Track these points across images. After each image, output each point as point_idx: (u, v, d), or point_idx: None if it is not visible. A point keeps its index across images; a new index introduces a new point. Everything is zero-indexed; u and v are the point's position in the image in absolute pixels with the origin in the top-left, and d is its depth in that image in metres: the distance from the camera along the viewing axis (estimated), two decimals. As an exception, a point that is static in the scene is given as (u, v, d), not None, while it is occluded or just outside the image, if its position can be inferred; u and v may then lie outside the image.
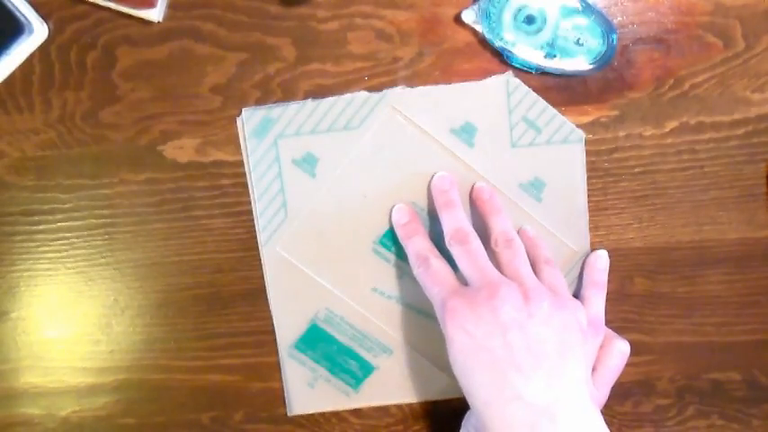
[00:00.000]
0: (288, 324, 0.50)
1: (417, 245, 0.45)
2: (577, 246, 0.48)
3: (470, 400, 0.40)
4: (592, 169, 0.47)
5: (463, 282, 0.43)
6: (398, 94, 0.46)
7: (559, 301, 0.41)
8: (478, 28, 0.44)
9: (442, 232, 0.45)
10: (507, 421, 0.39)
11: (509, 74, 0.46)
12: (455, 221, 0.44)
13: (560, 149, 0.47)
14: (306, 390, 0.51)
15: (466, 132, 0.46)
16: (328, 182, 0.47)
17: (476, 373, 0.40)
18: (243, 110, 0.46)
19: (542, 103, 0.46)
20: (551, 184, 0.47)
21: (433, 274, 0.43)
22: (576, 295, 0.48)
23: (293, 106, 0.46)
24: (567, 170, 0.47)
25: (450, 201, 0.45)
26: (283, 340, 0.50)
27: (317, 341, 0.50)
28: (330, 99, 0.46)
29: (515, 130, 0.46)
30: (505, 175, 0.47)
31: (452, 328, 0.40)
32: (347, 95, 0.46)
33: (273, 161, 0.47)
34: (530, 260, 0.44)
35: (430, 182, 0.47)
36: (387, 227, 0.48)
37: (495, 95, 0.46)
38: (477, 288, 0.41)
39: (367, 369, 0.50)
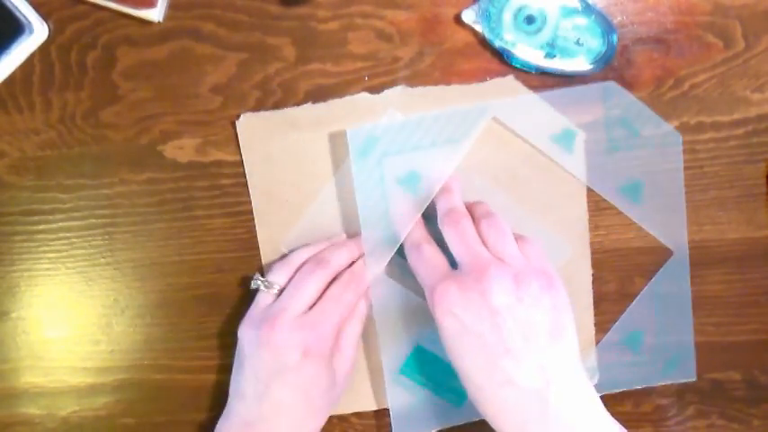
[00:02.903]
0: (393, 348, 0.48)
1: (413, 233, 0.45)
2: (674, 245, 0.48)
3: (464, 383, 0.40)
4: (592, 169, 0.48)
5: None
6: (501, 104, 0.45)
7: (548, 281, 0.40)
8: (478, 28, 0.44)
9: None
10: (500, 405, 0.39)
11: (510, 77, 0.46)
12: (449, 203, 0.44)
13: (658, 151, 0.47)
14: (409, 412, 0.49)
15: (565, 138, 0.46)
16: (429, 199, 0.46)
17: (467, 358, 0.40)
18: (348, 131, 0.45)
19: (640, 105, 0.46)
20: (649, 185, 0.47)
21: (425, 260, 0.43)
22: None
23: (397, 124, 0.45)
24: (665, 171, 0.47)
25: (448, 187, 0.45)
26: (388, 365, 0.49)
27: (422, 363, 0.49)
28: (434, 114, 0.45)
29: (613, 134, 0.46)
30: (604, 179, 0.47)
31: (441, 312, 0.40)
32: (449, 109, 0.45)
33: (378, 181, 0.46)
34: None
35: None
36: None
37: (593, 100, 0.46)
38: (466, 272, 0.40)
39: None
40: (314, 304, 0.45)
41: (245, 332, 0.45)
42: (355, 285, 0.46)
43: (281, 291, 0.45)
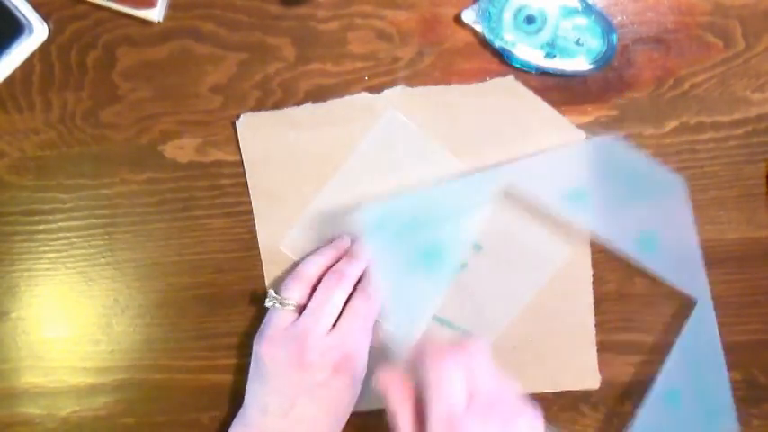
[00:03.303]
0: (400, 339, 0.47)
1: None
2: (694, 291, 0.48)
3: None
4: (592, 169, 0.48)
5: None
6: (511, 170, 0.46)
7: None
8: (478, 28, 0.44)
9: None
10: None
11: (510, 77, 0.46)
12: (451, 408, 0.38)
13: (665, 198, 0.47)
14: None
15: (577, 197, 0.46)
16: (452, 272, 0.47)
17: None
18: (361, 212, 0.44)
19: (642, 156, 0.46)
20: (663, 232, 0.47)
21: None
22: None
23: (409, 199, 0.45)
24: (675, 216, 0.47)
25: (450, 377, 0.39)
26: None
27: None
28: (444, 186, 0.46)
29: (622, 187, 0.46)
30: (619, 232, 0.47)
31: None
32: (460, 181, 0.46)
33: (396, 260, 0.45)
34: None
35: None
36: None
37: (600, 157, 0.46)
38: None
39: None
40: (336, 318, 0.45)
41: (268, 351, 0.44)
42: (374, 299, 0.46)
43: (298, 307, 0.45)
